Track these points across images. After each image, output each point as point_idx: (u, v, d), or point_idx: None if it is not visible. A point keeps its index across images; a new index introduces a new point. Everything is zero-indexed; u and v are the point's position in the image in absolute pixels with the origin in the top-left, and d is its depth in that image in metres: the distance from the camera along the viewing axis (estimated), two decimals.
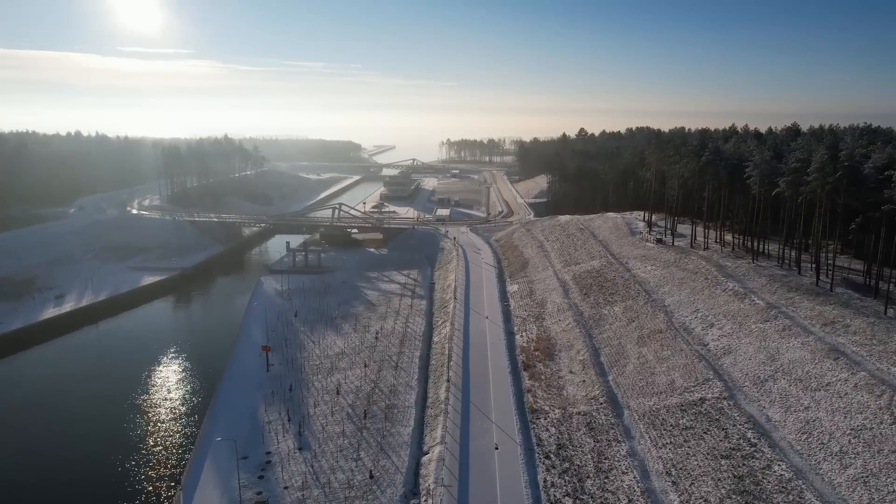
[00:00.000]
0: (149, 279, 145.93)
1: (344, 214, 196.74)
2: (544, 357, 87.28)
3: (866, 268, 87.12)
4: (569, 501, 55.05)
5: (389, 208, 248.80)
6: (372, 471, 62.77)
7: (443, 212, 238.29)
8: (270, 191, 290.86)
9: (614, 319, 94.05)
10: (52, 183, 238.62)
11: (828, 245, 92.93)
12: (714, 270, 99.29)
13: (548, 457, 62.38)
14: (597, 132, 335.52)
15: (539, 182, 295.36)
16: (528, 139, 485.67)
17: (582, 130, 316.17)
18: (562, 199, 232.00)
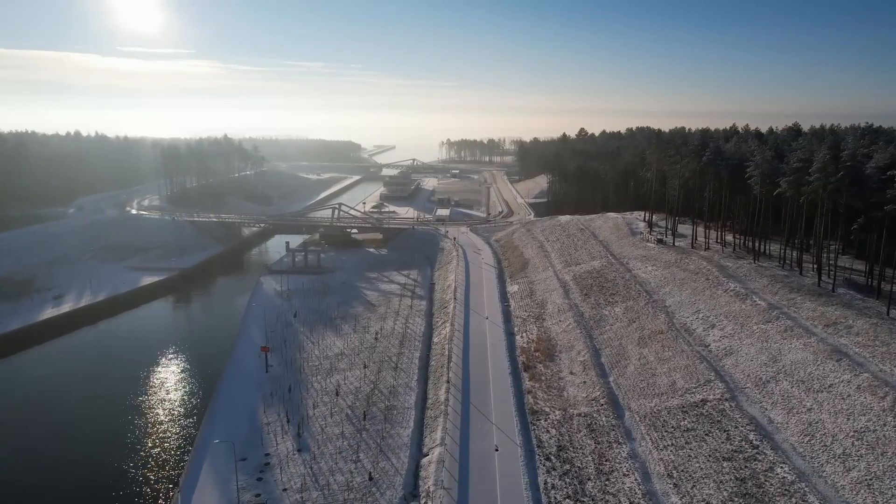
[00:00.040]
0: (148, 279, 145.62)
1: (344, 214, 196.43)
2: (545, 358, 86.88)
3: (868, 268, 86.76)
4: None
5: (389, 208, 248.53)
6: (371, 473, 62.40)
7: (443, 212, 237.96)
8: (270, 191, 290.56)
9: (615, 320, 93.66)
10: (52, 183, 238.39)
11: (829, 245, 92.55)
12: (715, 271, 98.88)
13: (548, 458, 62.00)
14: (597, 132, 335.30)
15: (539, 182, 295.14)
16: (528, 139, 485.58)
17: (582, 130, 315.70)
18: (562, 200, 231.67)
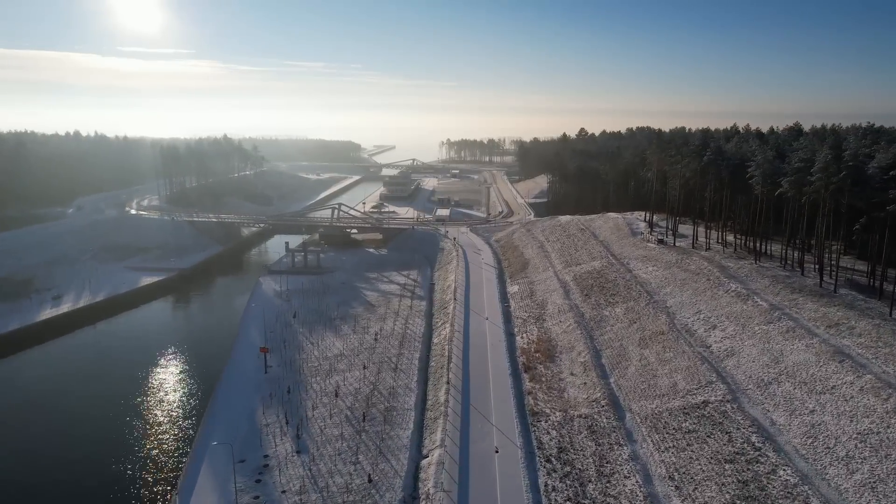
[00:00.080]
0: (147, 280, 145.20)
1: (343, 214, 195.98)
2: (545, 359, 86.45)
3: (870, 269, 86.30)
4: None
5: (389, 208, 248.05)
6: (371, 475, 61.96)
7: (443, 212, 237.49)
8: (270, 191, 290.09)
9: (615, 321, 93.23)
10: (51, 183, 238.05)
11: (831, 246, 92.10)
12: (716, 271, 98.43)
13: (549, 460, 61.59)
14: (597, 132, 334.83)
15: (539, 182, 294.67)
16: (528, 139, 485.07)
17: (582, 130, 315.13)
18: (562, 200, 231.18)
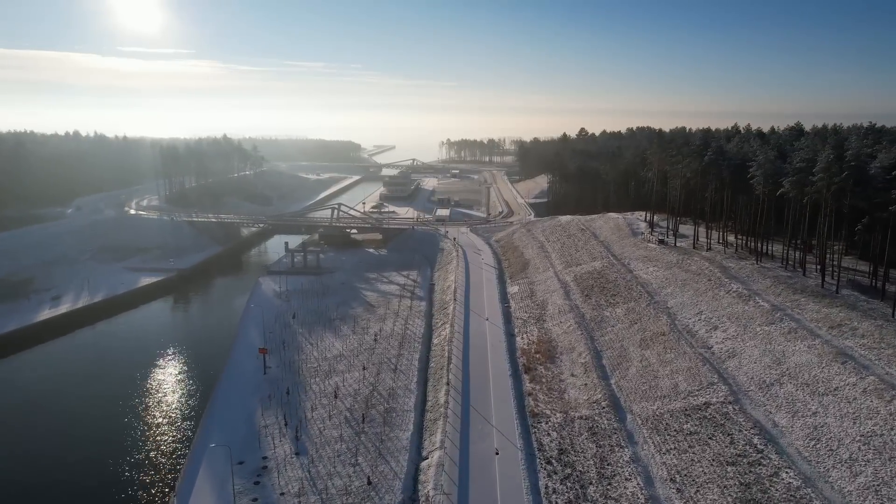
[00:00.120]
0: (146, 280, 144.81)
1: (343, 215, 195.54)
2: (545, 360, 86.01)
3: (872, 269, 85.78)
4: None
5: (389, 208, 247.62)
6: (370, 477, 61.55)
7: (443, 212, 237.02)
8: (269, 191, 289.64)
9: (616, 321, 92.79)
10: (51, 183, 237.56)
11: (833, 246, 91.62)
12: (717, 272, 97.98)
13: (549, 462, 61.16)
14: (597, 132, 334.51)
15: (539, 182, 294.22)
16: (529, 139, 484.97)
17: (582, 130, 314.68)
18: (562, 200, 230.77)
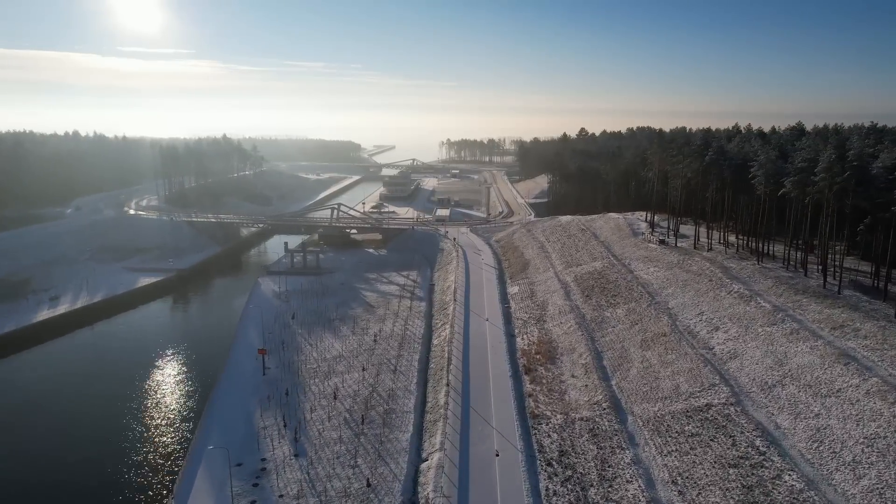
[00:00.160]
0: (145, 280, 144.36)
1: (343, 215, 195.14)
2: (546, 360, 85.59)
3: (874, 270, 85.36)
4: None
5: (389, 208, 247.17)
6: (369, 478, 61.12)
7: (443, 212, 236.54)
8: (269, 191, 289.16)
9: (617, 322, 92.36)
10: (50, 183, 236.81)
11: (834, 246, 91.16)
12: (718, 272, 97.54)
13: (550, 464, 60.75)
14: (597, 132, 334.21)
15: (539, 182, 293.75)
16: (529, 139, 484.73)
17: (583, 130, 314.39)
18: (562, 200, 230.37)
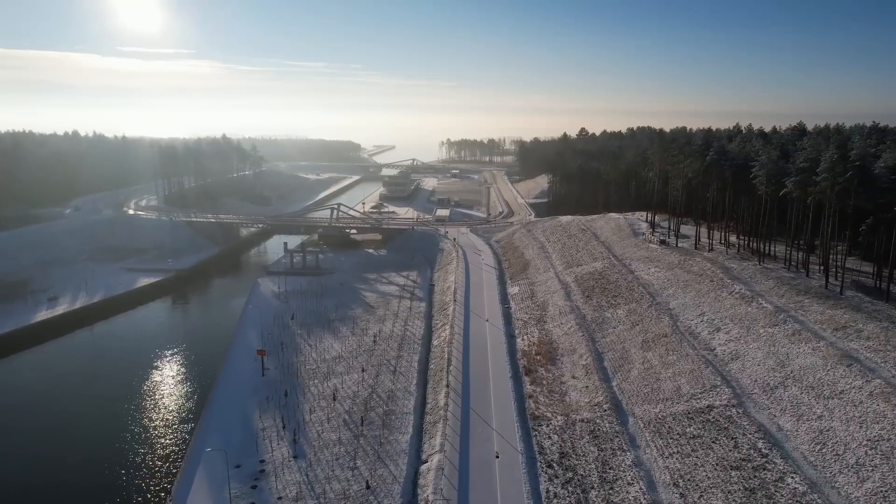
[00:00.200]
0: (144, 281, 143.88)
1: (342, 215, 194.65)
2: (546, 361, 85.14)
3: (876, 270, 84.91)
4: None
5: (389, 209, 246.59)
6: (368, 481, 60.66)
7: (442, 212, 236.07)
8: (268, 191, 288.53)
9: (618, 323, 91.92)
10: (49, 182, 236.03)
11: (836, 247, 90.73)
12: (720, 272, 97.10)
13: (550, 466, 60.32)
14: (598, 132, 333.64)
15: (540, 182, 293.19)
16: (529, 139, 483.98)
17: (583, 130, 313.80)
18: (563, 200, 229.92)
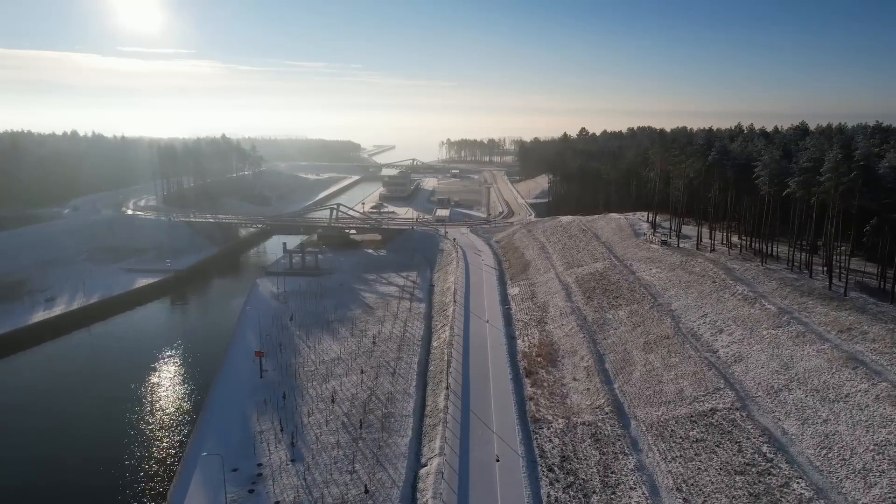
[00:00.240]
0: (142, 281, 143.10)
1: (342, 215, 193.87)
2: (547, 363, 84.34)
3: (881, 271, 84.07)
4: None
5: (388, 209, 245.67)
6: (367, 485, 59.85)
7: (442, 212, 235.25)
8: (268, 191, 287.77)
9: (619, 324, 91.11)
10: (48, 182, 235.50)
11: (839, 247, 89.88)
12: (722, 273, 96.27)
13: (551, 470, 59.52)
14: (598, 132, 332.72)
15: (540, 182, 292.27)
16: (529, 139, 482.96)
17: (583, 130, 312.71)
18: (563, 200, 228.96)
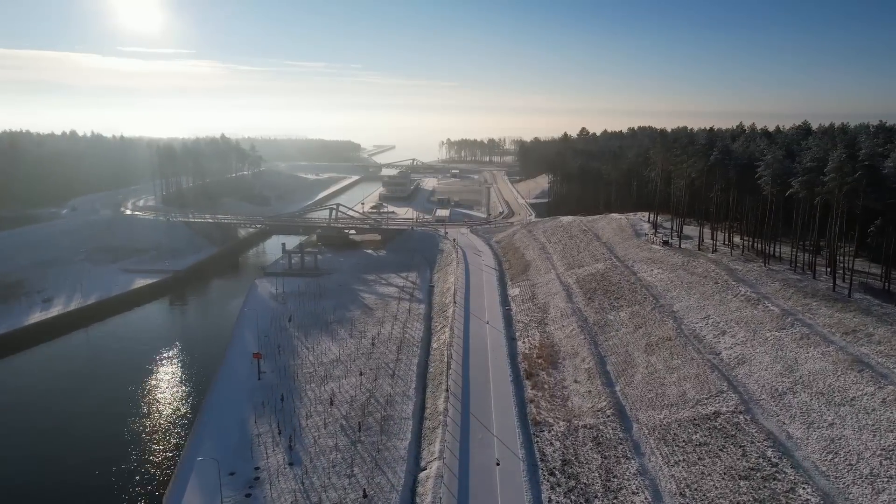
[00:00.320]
0: (141, 281, 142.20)
1: (342, 215, 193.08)
2: (547, 365, 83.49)
3: (885, 272, 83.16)
4: None
5: (388, 209, 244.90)
6: (366, 489, 59.02)
7: (442, 212, 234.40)
8: (267, 191, 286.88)
9: (620, 325, 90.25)
10: (47, 182, 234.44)
11: (843, 248, 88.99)
12: (724, 274, 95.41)
13: (552, 473, 58.68)
14: (598, 132, 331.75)
15: (540, 182, 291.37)
16: (529, 139, 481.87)
17: (583, 130, 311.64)
18: (563, 200, 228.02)
